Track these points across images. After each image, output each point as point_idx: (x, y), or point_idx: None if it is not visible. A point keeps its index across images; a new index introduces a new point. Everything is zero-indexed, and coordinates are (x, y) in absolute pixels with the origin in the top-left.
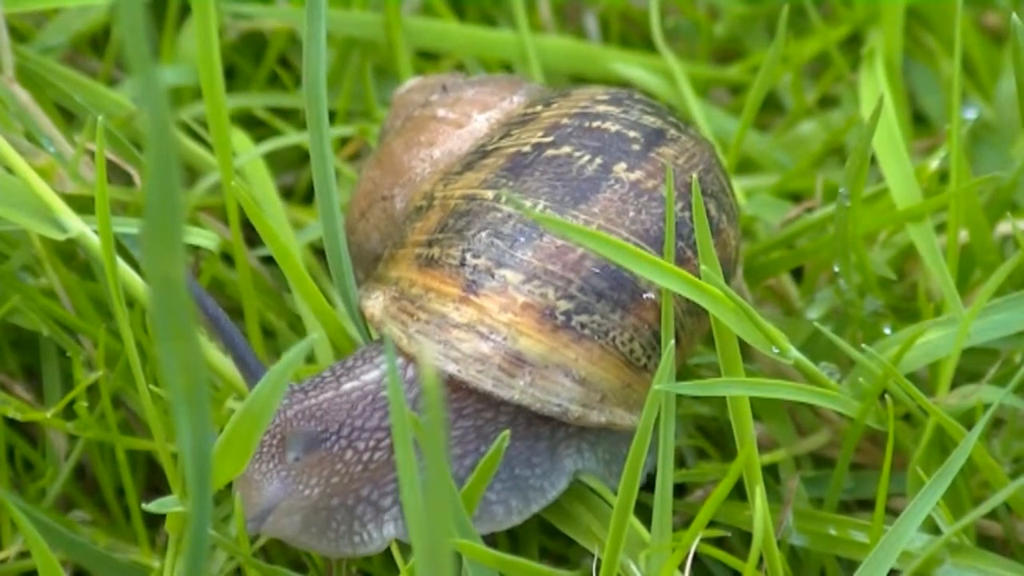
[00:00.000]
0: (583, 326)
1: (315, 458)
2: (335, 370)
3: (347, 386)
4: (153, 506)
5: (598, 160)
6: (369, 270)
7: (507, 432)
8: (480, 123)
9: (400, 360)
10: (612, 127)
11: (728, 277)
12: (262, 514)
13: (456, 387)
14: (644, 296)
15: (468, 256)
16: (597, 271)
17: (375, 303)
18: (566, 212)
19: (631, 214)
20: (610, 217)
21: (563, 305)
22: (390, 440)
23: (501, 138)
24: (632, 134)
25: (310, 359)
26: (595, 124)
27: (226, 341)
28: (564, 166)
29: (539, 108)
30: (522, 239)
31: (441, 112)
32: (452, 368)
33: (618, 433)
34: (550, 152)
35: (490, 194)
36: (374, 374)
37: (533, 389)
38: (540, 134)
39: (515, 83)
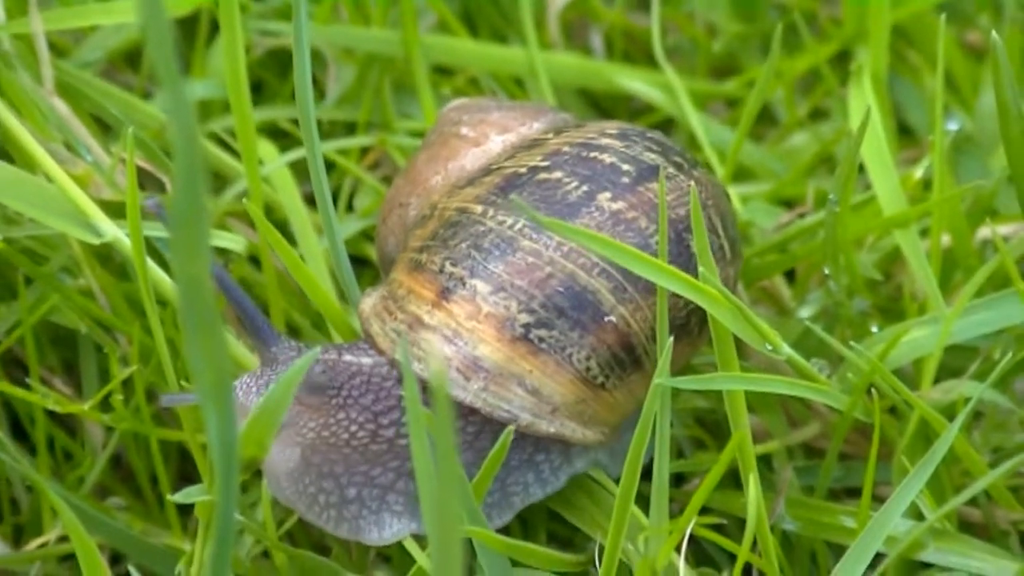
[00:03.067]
0: (541, 340)
1: (315, 402)
2: (335, 345)
3: (347, 358)
4: (180, 496)
5: (584, 188)
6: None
7: (512, 427)
8: (496, 144)
9: (383, 358)
10: (608, 159)
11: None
12: None
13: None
14: (605, 319)
15: (447, 264)
16: (561, 290)
17: (367, 301)
18: (543, 233)
19: None
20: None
21: (524, 318)
22: (373, 427)
23: (507, 159)
24: (626, 167)
25: None
26: (592, 155)
27: (237, 307)
28: (551, 189)
29: (550, 135)
30: (497, 253)
31: (464, 130)
32: (416, 366)
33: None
34: (542, 176)
35: (479, 208)
36: (368, 360)
37: (485, 394)
38: (539, 158)
39: (540, 111)
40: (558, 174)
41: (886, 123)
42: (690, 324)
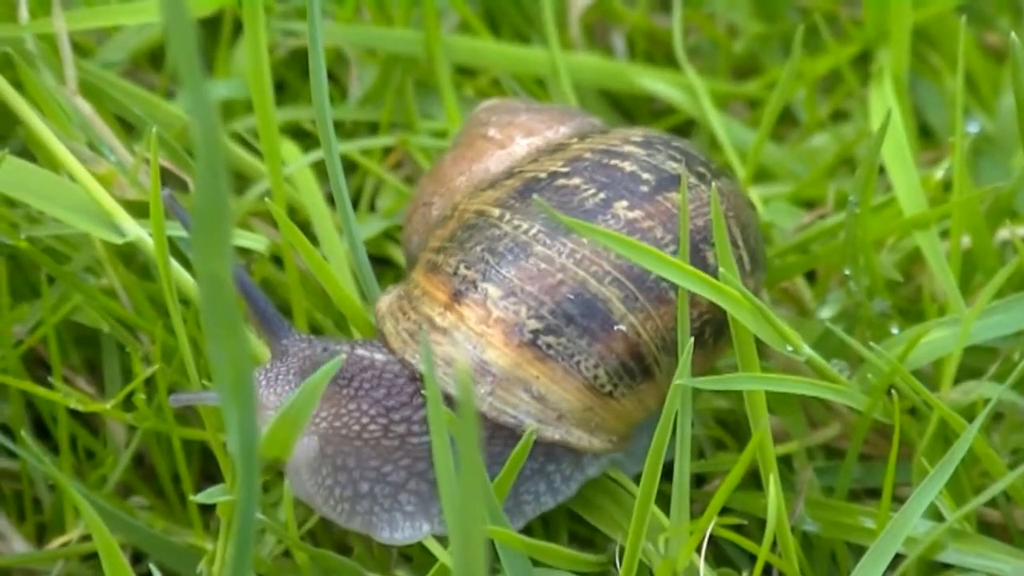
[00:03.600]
0: (549, 346)
1: (328, 391)
2: (347, 340)
3: (360, 352)
4: (202, 496)
5: (601, 195)
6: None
7: (533, 427)
8: (521, 147)
9: (393, 357)
10: (628, 167)
11: (726, 327)
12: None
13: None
14: (615, 327)
15: (462, 267)
16: (571, 297)
17: (385, 299)
18: (556, 239)
19: None
20: (596, 249)
21: (532, 324)
22: (385, 421)
23: (530, 163)
24: (645, 176)
25: None
26: (613, 162)
27: (246, 298)
28: (568, 196)
29: (574, 140)
30: (510, 257)
31: (491, 132)
32: (424, 369)
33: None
34: (561, 181)
35: (496, 212)
36: (381, 356)
37: (491, 398)
38: (560, 163)
39: (569, 115)
40: (576, 180)
41: (907, 124)
42: (704, 335)
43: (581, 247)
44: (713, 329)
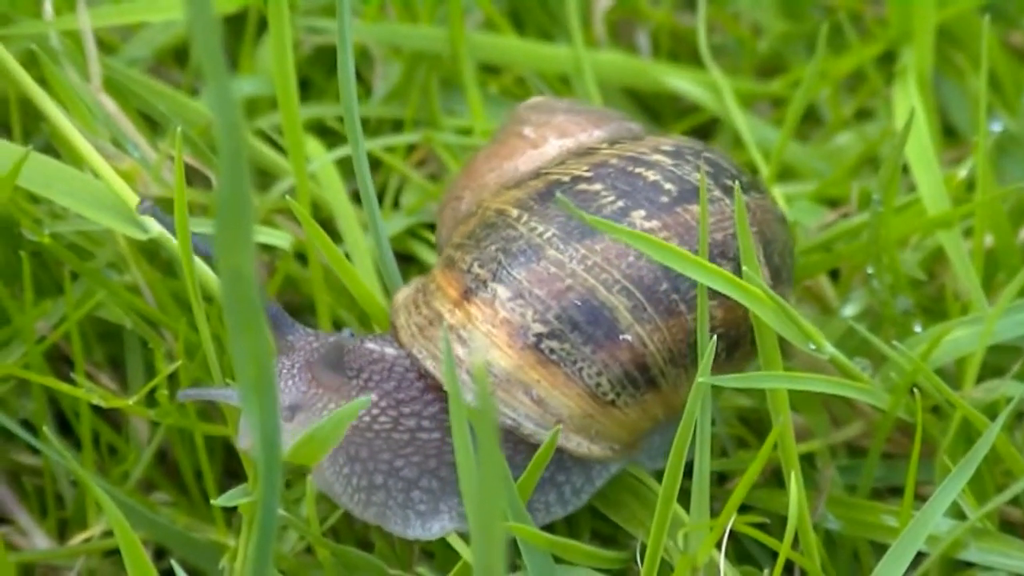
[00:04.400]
0: (552, 351)
1: (333, 382)
2: (361, 334)
3: (369, 345)
4: (223, 499)
5: (620, 203)
6: None
7: (559, 425)
8: (552, 148)
9: (403, 351)
10: (651, 176)
11: (739, 343)
12: (287, 412)
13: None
14: (620, 337)
15: (475, 265)
16: (578, 303)
17: (404, 291)
18: (569, 244)
19: (630, 258)
20: (608, 257)
21: (537, 328)
22: (395, 413)
23: (557, 165)
24: (668, 187)
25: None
26: (637, 170)
27: None
28: (587, 201)
29: (604, 145)
30: (522, 259)
31: (526, 131)
32: (429, 364)
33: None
34: (582, 186)
35: (515, 212)
36: (392, 351)
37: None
38: (584, 168)
39: (606, 118)
40: (597, 186)
41: (930, 123)
42: (716, 350)
43: (593, 254)
44: (726, 344)
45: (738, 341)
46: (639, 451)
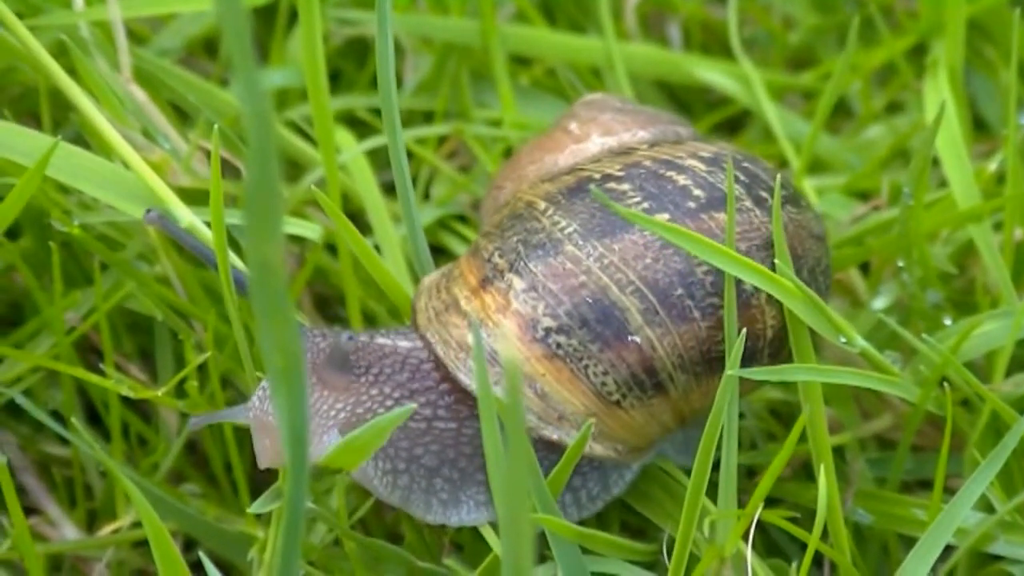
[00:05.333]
0: (558, 346)
1: (343, 383)
2: (367, 330)
3: (380, 340)
4: (256, 506)
5: (645, 204)
6: None
7: (591, 421)
8: (594, 145)
9: (420, 343)
10: (682, 180)
11: (756, 356)
12: None
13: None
14: (629, 338)
15: (496, 254)
16: (589, 301)
17: (432, 275)
18: (588, 241)
19: (647, 260)
20: (625, 258)
21: (546, 322)
22: (409, 400)
23: (593, 162)
24: (697, 192)
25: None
26: (669, 173)
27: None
28: (613, 200)
29: (644, 146)
30: (540, 252)
31: (572, 126)
32: (440, 350)
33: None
34: (611, 185)
35: (542, 205)
36: (406, 344)
37: (495, 388)
38: (617, 167)
39: (654, 120)
40: (626, 186)
41: (961, 116)
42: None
43: (611, 253)
44: (741, 356)
45: (754, 355)
46: (648, 455)
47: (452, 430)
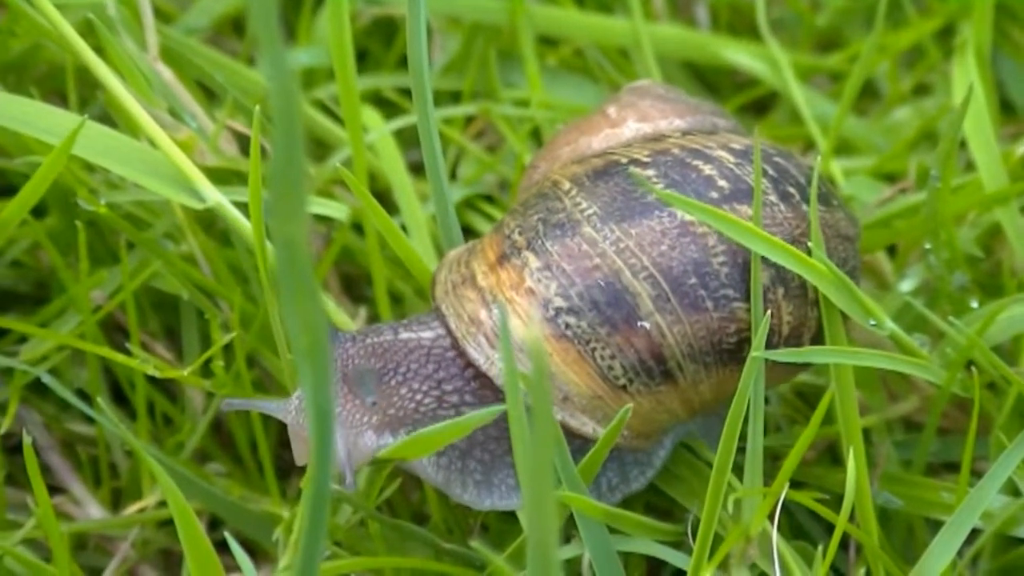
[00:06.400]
0: (567, 327)
1: (382, 392)
2: (391, 324)
3: (404, 335)
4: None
5: (666, 192)
6: None
7: (629, 406)
8: (628, 131)
9: (443, 331)
10: (708, 170)
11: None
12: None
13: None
14: (638, 323)
15: (516, 231)
16: (601, 284)
17: (455, 250)
18: (606, 224)
19: (663, 247)
20: (641, 243)
21: (557, 302)
22: (438, 393)
23: (624, 147)
24: (721, 183)
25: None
26: (695, 163)
27: None
28: (636, 186)
29: (677, 135)
30: (558, 232)
31: (611, 110)
32: (452, 323)
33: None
34: (635, 170)
35: (567, 185)
36: (429, 334)
37: (502, 364)
38: (645, 153)
39: (693, 110)
40: (650, 172)
41: (988, 99)
42: (743, 352)
43: (628, 237)
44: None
45: (769, 349)
46: (656, 443)
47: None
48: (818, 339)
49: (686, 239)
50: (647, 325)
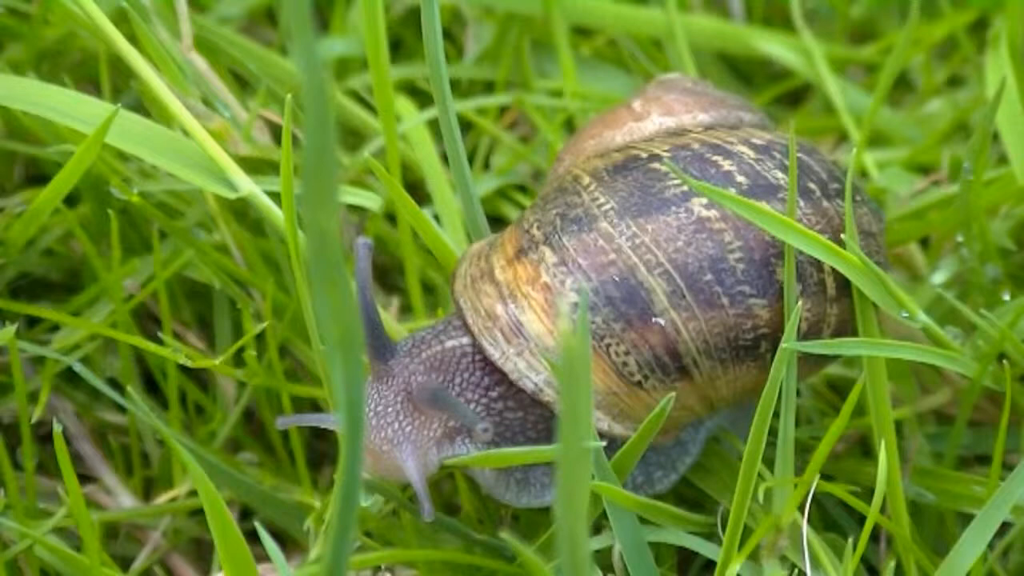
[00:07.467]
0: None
1: (431, 410)
2: (433, 331)
3: (449, 344)
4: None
5: (685, 187)
6: None
7: (672, 395)
8: (651, 125)
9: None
10: (727, 166)
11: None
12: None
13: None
14: (653, 320)
15: (535, 226)
16: (616, 279)
17: (478, 243)
18: (623, 220)
19: (679, 243)
20: (657, 239)
21: (572, 297)
22: (486, 400)
23: (646, 141)
24: (740, 179)
25: None
26: (715, 158)
27: (364, 314)
28: (654, 181)
29: (699, 130)
30: (575, 227)
31: (636, 104)
32: (469, 317)
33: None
34: (654, 165)
35: (587, 180)
36: (466, 339)
37: (518, 359)
38: (665, 148)
39: (717, 103)
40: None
41: (1022, 91)
42: (760, 348)
43: (644, 233)
44: (770, 344)
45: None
46: (673, 439)
47: (520, 418)
48: (838, 336)
49: (702, 235)
50: (662, 321)
